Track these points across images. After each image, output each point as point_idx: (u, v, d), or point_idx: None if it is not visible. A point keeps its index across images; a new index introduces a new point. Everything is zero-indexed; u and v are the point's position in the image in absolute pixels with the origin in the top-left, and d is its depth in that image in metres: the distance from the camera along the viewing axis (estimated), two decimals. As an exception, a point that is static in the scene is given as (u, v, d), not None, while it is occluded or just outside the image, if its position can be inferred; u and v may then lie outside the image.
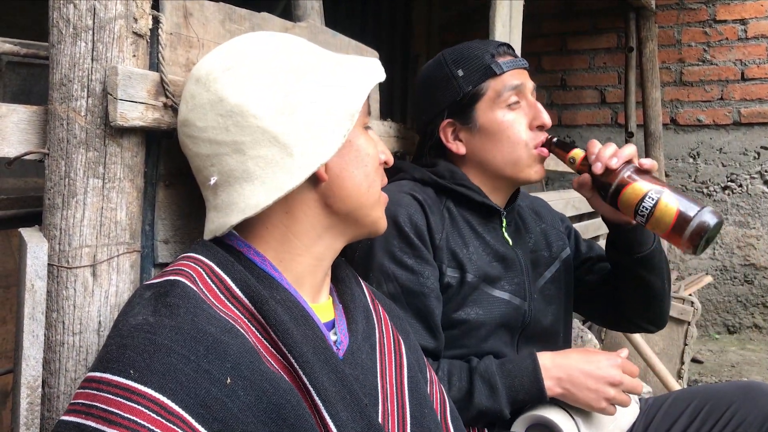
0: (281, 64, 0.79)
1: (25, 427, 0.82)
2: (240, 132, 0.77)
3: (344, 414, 0.72)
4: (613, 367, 1.12)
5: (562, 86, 4.31)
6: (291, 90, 0.78)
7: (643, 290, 1.29)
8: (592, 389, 1.10)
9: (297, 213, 0.81)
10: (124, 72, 0.83)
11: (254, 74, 0.78)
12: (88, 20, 0.84)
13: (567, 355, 1.16)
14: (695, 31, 3.89)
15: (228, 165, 0.78)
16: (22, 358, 0.82)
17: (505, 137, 1.22)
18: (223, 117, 0.77)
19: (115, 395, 0.61)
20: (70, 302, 0.84)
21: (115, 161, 0.87)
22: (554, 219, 1.45)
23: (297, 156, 0.76)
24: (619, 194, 1.10)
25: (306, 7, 1.43)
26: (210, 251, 0.78)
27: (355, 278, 0.95)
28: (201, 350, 0.65)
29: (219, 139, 0.78)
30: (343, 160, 0.82)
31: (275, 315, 0.73)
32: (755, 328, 3.73)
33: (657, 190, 1.06)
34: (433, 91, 1.28)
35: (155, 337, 0.64)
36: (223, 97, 0.77)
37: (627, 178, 1.09)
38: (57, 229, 0.84)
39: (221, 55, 0.82)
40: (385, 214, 0.90)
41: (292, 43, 0.83)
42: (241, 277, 0.76)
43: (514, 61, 1.25)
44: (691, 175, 3.91)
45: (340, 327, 0.85)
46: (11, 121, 0.83)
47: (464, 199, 1.25)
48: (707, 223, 1.02)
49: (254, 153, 0.77)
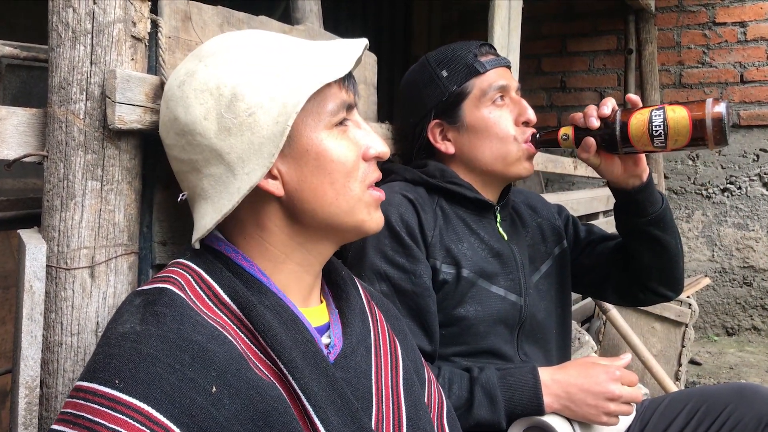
0: (224, 75, 0.75)
1: (23, 427, 0.83)
2: (193, 150, 0.76)
3: (335, 418, 0.72)
4: (612, 381, 1.11)
5: (561, 88, 4.31)
6: (233, 104, 0.74)
7: (660, 251, 1.28)
8: (591, 405, 1.10)
9: (268, 225, 0.79)
10: (122, 75, 0.84)
11: (199, 90, 0.75)
12: (87, 24, 0.84)
13: (566, 370, 1.15)
14: (695, 33, 3.89)
15: (190, 182, 0.79)
16: (21, 358, 0.82)
17: (493, 133, 1.23)
18: (178, 136, 0.77)
19: (101, 405, 0.61)
20: (68, 303, 0.85)
21: (113, 163, 0.87)
22: (550, 212, 1.46)
23: (238, 175, 0.74)
24: (627, 131, 1.11)
25: (305, 9, 1.44)
26: (199, 257, 0.78)
27: (351, 280, 0.94)
28: (186, 359, 0.64)
29: (180, 157, 0.79)
30: (301, 171, 0.77)
31: (263, 320, 0.73)
32: (754, 330, 3.73)
33: (657, 107, 1.08)
34: (418, 93, 1.29)
35: (141, 346, 0.64)
36: (177, 115, 0.77)
37: (625, 113, 1.12)
38: (56, 231, 0.85)
39: (180, 68, 0.80)
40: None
41: (240, 47, 0.78)
42: (229, 284, 0.75)
43: (496, 59, 1.27)
44: (690, 177, 3.92)
45: (335, 330, 0.84)
46: (11, 123, 0.84)
47: (456, 197, 1.26)
48: (720, 111, 1.03)
49: (207, 171, 0.76)
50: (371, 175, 0.83)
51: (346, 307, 0.88)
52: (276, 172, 0.77)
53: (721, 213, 3.83)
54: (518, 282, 1.27)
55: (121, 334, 0.66)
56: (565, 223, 1.46)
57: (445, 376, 1.13)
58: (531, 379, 1.12)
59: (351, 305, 0.88)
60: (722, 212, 3.82)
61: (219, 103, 0.74)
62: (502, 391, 1.11)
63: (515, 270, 1.27)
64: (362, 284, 0.98)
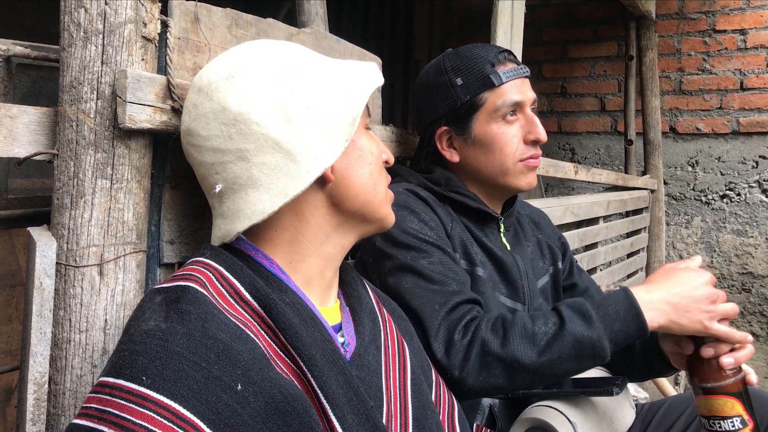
0: (282, 72, 0.81)
1: (31, 423, 0.83)
2: (243, 140, 0.78)
3: (350, 416, 0.73)
4: (707, 282, 1.03)
5: (562, 94, 4.33)
6: (292, 97, 0.79)
7: None
8: (703, 311, 1.01)
9: (306, 215, 0.83)
10: (133, 75, 0.85)
11: (256, 82, 0.79)
12: (99, 24, 0.85)
13: (657, 282, 1.06)
14: (695, 40, 3.91)
15: (233, 172, 0.79)
16: (30, 354, 0.83)
17: (497, 149, 1.23)
18: (226, 125, 0.79)
19: (128, 401, 0.62)
20: (77, 300, 0.86)
21: (123, 162, 0.88)
22: (552, 233, 1.47)
23: (301, 161, 0.78)
24: (710, 393, 1.00)
25: (310, 12, 1.45)
26: (219, 256, 0.79)
27: (361, 281, 0.95)
28: (212, 357, 0.65)
29: (223, 147, 0.79)
30: (348, 160, 0.84)
31: (284, 318, 0.74)
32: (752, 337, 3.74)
33: (741, 420, 0.97)
34: (431, 97, 1.29)
35: (167, 344, 0.65)
36: (225, 106, 0.79)
37: (728, 387, 0.99)
38: (65, 229, 0.85)
39: (222, 65, 0.83)
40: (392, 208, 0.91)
41: (291, 51, 0.85)
42: (250, 281, 0.76)
43: (514, 69, 1.24)
44: (689, 183, 3.93)
45: (347, 329, 0.86)
46: (21, 122, 0.85)
47: (461, 206, 1.26)
48: None
49: (258, 160, 0.78)
50: (387, 177, 0.91)
51: (358, 305, 0.89)
52: None
53: (720, 219, 3.84)
54: (522, 290, 1.27)
55: (146, 331, 0.67)
56: (563, 251, 1.46)
57: (523, 315, 1.06)
58: (623, 296, 1.03)
59: (362, 304, 0.90)
60: (721, 218, 3.84)
61: (279, 94, 0.79)
62: (594, 309, 1.03)
63: (518, 278, 1.27)
64: (370, 285, 1.00)
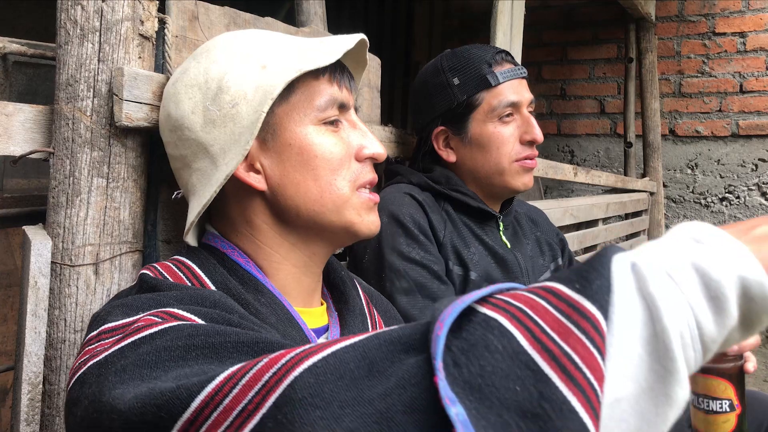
0: (212, 71, 0.76)
1: (25, 423, 0.82)
2: (183, 146, 0.77)
3: None
4: None
5: (561, 96, 4.33)
6: (218, 97, 0.74)
7: None
8: None
9: (255, 222, 0.78)
10: (129, 73, 0.84)
11: (188, 86, 0.77)
12: (95, 22, 0.85)
13: None
14: (695, 43, 3.91)
15: (183, 178, 0.80)
16: (24, 354, 0.82)
17: (494, 148, 1.24)
18: (171, 132, 0.79)
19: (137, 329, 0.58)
20: (72, 300, 0.85)
21: (119, 161, 0.87)
22: (551, 230, 1.47)
23: (220, 167, 0.74)
24: (707, 373, 0.97)
25: (309, 12, 1.45)
26: (193, 253, 0.77)
27: (351, 281, 0.92)
28: (207, 304, 0.63)
29: (174, 154, 0.80)
30: (284, 166, 0.75)
31: (260, 316, 0.71)
32: (752, 340, 3.74)
33: (730, 404, 0.96)
34: (428, 96, 1.30)
35: (160, 297, 0.63)
36: (169, 112, 0.79)
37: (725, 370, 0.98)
38: (61, 228, 0.85)
39: (178, 68, 0.83)
40: (378, 214, 0.83)
41: (230, 44, 0.78)
42: (222, 280, 0.73)
43: (512, 70, 1.25)
44: (689, 186, 3.93)
45: (333, 333, 0.83)
46: (17, 120, 0.84)
47: (461, 204, 1.27)
48: None
49: (195, 166, 0.77)
50: (364, 176, 0.80)
51: (345, 309, 0.86)
52: (259, 166, 0.76)
53: (720, 222, 3.83)
54: None
55: (127, 296, 0.65)
56: (562, 248, 1.46)
57: None
58: None
59: (350, 307, 0.86)
60: (720, 221, 3.83)
61: (206, 96, 0.75)
62: None
63: (520, 275, 1.28)
64: (363, 285, 0.98)
